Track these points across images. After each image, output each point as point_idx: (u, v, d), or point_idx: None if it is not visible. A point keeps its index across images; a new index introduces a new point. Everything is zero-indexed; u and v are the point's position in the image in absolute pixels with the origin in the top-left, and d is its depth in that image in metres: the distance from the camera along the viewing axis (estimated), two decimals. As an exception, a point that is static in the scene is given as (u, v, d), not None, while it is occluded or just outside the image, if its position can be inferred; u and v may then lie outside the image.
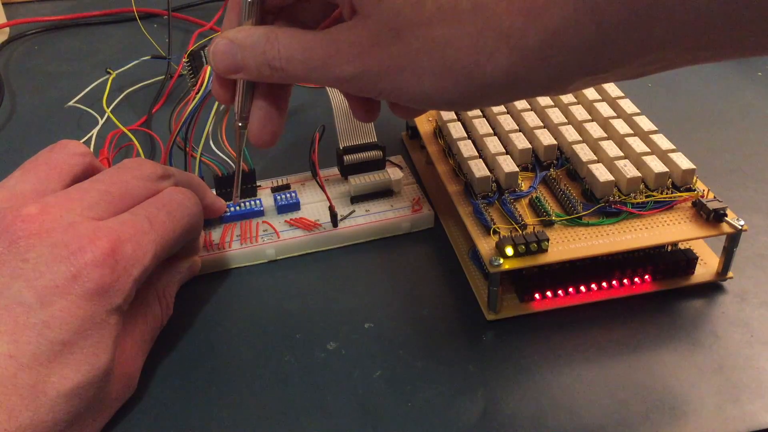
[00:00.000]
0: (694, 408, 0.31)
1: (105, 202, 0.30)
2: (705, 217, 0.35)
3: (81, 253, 0.28)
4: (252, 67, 0.28)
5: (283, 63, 0.28)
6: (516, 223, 0.35)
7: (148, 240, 0.30)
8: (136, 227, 0.30)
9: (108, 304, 0.28)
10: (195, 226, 0.34)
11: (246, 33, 0.28)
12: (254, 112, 0.31)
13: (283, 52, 0.28)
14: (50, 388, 0.26)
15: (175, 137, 0.40)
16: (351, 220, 0.41)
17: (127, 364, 0.31)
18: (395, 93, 0.27)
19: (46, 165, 0.32)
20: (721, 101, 0.53)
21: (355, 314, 0.36)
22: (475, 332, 0.35)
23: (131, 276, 0.29)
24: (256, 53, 0.28)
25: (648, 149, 0.38)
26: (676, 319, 0.35)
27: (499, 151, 0.39)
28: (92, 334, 0.28)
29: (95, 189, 0.31)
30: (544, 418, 0.31)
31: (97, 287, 0.28)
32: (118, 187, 0.31)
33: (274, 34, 0.28)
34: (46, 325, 0.27)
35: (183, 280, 0.37)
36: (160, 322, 0.34)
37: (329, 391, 0.32)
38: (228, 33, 0.29)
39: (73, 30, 0.68)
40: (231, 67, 0.29)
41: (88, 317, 0.28)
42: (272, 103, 0.31)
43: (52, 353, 0.27)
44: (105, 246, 0.28)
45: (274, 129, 0.31)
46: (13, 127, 0.53)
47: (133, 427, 0.31)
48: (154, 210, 0.31)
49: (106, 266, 0.28)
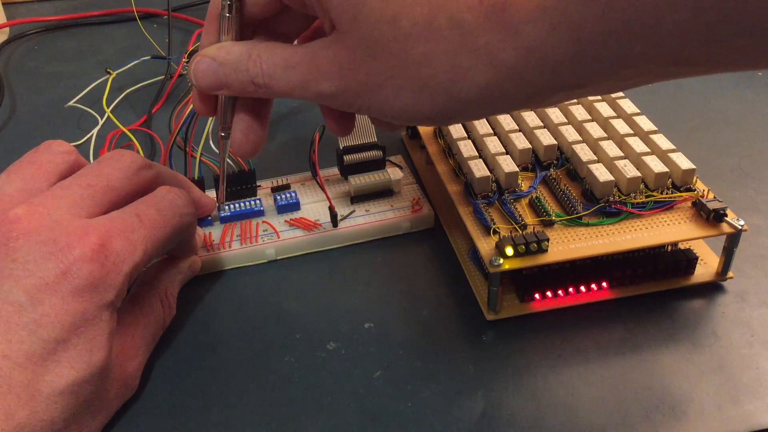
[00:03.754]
0: (694, 408, 0.31)
1: (89, 197, 0.30)
2: (705, 217, 0.35)
3: (69, 249, 0.28)
4: (235, 85, 0.29)
5: (267, 80, 0.28)
6: (516, 223, 0.35)
7: (138, 236, 0.30)
8: (126, 224, 0.30)
9: (99, 300, 0.28)
10: (187, 224, 0.34)
11: (227, 50, 0.29)
12: (236, 124, 0.31)
13: (265, 69, 0.28)
14: (46, 387, 0.26)
15: (175, 137, 0.40)
16: (351, 220, 0.41)
17: (126, 364, 0.31)
18: (374, 109, 0.27)
19: (31, 165, 0.32)
20: (721, 101, 0.53)
21: (355, 314, 0.36)
22: (475, 332, 0.35)
23: (121, 271, 0.29)
24: (239, 71, 0.28)
25: (648, 149, 0.38)
26: (676, 319, 0.35)
27: (499, 151, 0.39)
28: (85, 331, 0.28)
29: (78, 184, 0.31)
30: (544, 418, 0.31)
31: (86, 283, 0.28)
32: (101, 180, 0.31)
33: (255, 51, 0.28)
34: (38, 323, 0.27)
35: (184, 280, 0.37)
36: (162, 323, 0.34)
37: (329, 391, 0.32)
38: (209, 51, 0.29)
39: (73, 30, 0.68)
40: (214, 85, 0.29)
41: (79, 314, 0.27)
42: (254, 114, 0.31)
43: (46, 351, 0.27)
44: (94, 242, 0.28)
45: (256, 139, 0.31)
46: (13, 127, 0.53)
47: (133, 426, 0.31)
48: (143, 207, 0.31)
49: (95, 262, 0.28)
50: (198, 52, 0.29)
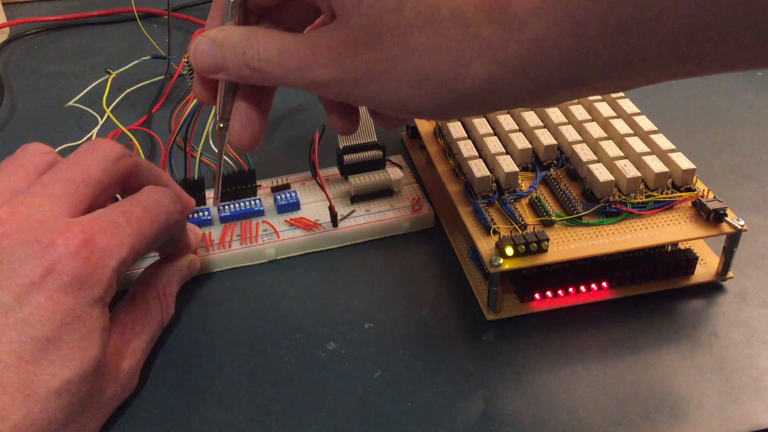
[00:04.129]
0: (694, 408, 0.31)
1: (70, 192, 0.30)
2: (705, 217, 0.35)
3: (53, 246, 0.28)
4: (232, 67, 0.28)
5: (262, 64, 0.28)
6: (516, 223, 0.35)
7: (124, 232, 0.30)
8: (111, 220, 0.30)
9: (87, 296, 0.28)
10: (173, 221, 0.33)
11: (227, 32, 0.28)
12: (235, 114, 0.31)
13: (262, 52, 0.27)
14: (40, 386, 0.26)
15: (175, 137, 0.40)
16: (351, 220, 0.41)
17: (123, 362, 0.31)
18: (372, 100, 0.27)
19: (10, 167, 0.32)
20: (721, 101, 0.53)
21: (355, 314, 0.36)
22: (475, 332, 0.35)
23: (108, 266, 0.29)
24: (236, 53, 0.28)
25: (648, 149, 0.38)
26: (676, 319, 0.35)
27: (499, 151, 0.39)
28: (76, 328, 0.28)
29: (56, 180, 0.30)
30: (544, 418, 0.31)
31: (72, 279, 0.28)
32: (79, 173, 0.31)
33: (254, 34, 0.28)
34: (27, 323, 0.27)
35: (182, 279, 0.37)
36: (161, 322, 0.34)
37: (329, 391, 0.32)
38: (210, 32, 0.29)
39: (73, 30, 0.68)
40: (212, 67, 0.29)
41: (68, 311, 0.27)
42: (254, 105, 0.31)
43: (37, 350, 0.27)
44: (78, 237, 0.28)
45: (254, 132, 0.31)
46: (13, 127, 0.53)
47: (132, 426, 0.31)
48: (128, 205, 0.31)
49: (79, 257, 0.28)
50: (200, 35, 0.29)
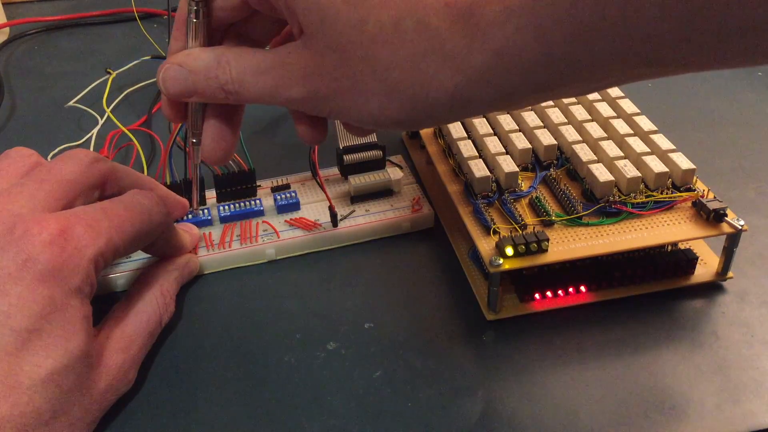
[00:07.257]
0: (694, 408, 0.31)
1: (45, 191, 0.30)
2: (705, 217, 0.35)
3: (28, 236, 0.28)
4: (205, 92, 0.28)
5: (237, 86, 0.28)
6: (516, 223, 0.35)
7: (101, 225, 0.30)
8: (88, 213, 0.30)
9: (65, 285, 0.28)
10: (158, 222, 0.33)
11: (194, 57, 0.28)
12: (207, 130, 0.31)
13: (235, 75, 0.27)
14: (25, 377, 0.26)
15: (175, 137, 0.40)
16: (351, 220, 0.41)
17: (116, 355, 0.31)
18: (344, 114, 0.27)
19: None
20: (721, 101, 0.53)
21: (355, 314, 0.36)
22: (475, 332, 0.35)
23: (84, 255, 0.29)
24: (209, 78, 0.28)
25: (648, 149, 0.38)
26: (676, 319, 0.35)
27: (499, 151, 0.39)
28: (56, 318, 0.28)
29: (32, 180, 0.31)
30: (544, 418, 0.31)
31: (49, 268, 0.28)
32: (54, 174, 0.31)
33: (225, 57, 0.28)
34: (6, 314, 0.27)
35: (182, 278, 0.37)
36: (159, 319, 0.34)
37: (329, 391, 0.32)
38: (177, 57, 0.28)
39: (73, 30, 0.68)
40: (183, 93, 0.29)
41: (47, 301, 0.27)
42: (224, 120, 0.31)
43: (19, 342, 0.27)
44: (53, 227, 0.28)
45: (227, 146, 0.31)
46: (13, 127, 0.53)
47: (131, 424, 0.31)
48: (108, 203, 0.31)
49: (55, 246, 0.28)
50: (166, 59, 0.29)
